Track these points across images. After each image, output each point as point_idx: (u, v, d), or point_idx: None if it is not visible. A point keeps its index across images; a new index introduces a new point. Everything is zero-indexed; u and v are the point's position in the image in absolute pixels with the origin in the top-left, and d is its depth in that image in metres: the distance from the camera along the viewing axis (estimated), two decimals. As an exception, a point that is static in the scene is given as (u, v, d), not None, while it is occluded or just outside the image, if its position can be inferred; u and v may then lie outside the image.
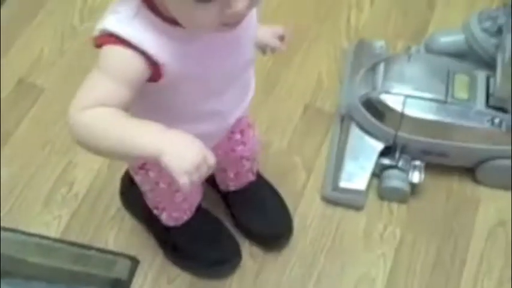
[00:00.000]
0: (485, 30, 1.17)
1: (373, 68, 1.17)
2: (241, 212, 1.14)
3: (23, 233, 1.13)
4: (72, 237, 1.14)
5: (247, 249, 1.13)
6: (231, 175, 1.11)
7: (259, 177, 1.14)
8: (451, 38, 1.22)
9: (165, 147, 0.69)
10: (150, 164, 0.94)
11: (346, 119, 1.21)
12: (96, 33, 0.74)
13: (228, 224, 1.14)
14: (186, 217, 1.10)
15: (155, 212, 1.09)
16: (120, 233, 1.15)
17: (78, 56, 1.34)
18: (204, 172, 0.70)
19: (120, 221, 1.16)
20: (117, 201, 1.17)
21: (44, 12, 1.41)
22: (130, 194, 1.13)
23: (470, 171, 1.21)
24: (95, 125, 0.72)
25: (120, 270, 1.11)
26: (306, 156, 1.24)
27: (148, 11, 0.73)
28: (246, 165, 1.10)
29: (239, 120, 0.95)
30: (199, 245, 1.11)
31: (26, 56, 1.35)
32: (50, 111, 1.28)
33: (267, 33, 0.95)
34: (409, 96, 1.12)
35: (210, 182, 1.14)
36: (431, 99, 1.11)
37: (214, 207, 1.15)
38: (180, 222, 1.10)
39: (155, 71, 0.75)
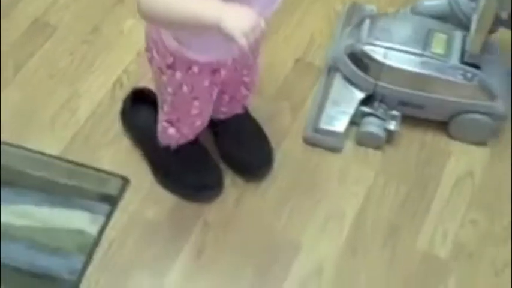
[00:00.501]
0: (470, -2, 1.26)
1: (359, 24, 1.28)
2: (226, 142, 1.23)
3: (27, 149, 1.24)
4: (71, 157, 1.24)
5: (230, 179, 1.22)
6: (226, 99, 1.19)
7: (246, 112, 1.24)
8: (434, 2, 1.32)
9: (224, 15, 0.82)
10: (179, 63, 1.02)
11: (332, 69, 1.31)
12: None
13: (215, 156, 1.25)
14: (191, 136, 1.16)
15: (164, 125, 1.14)
16: (115, 156, 1.25)
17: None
18: (258, 34, 0.82)
19: (117, 145, 1.26)
20: (115, 128, 1.28)
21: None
22: (131, 114, 1.23)
23: (444, 125, 1.30)
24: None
25: (112, 187, 1.21)
26: (293, 102, 1.34)
27: None
28: (243, 92, 1.20)
29: (257, 41, 0.96)
30: (188, 170, 1.20)
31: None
32: (61, 47, 1.39)
33: None
34: (390, 48, 1.22)
35: None
36: (410, 52, 1.21)
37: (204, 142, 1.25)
38: (180, 142, 1.17)
39: None
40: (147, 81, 1.26)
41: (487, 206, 1.24)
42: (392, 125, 1.25)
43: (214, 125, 1.23)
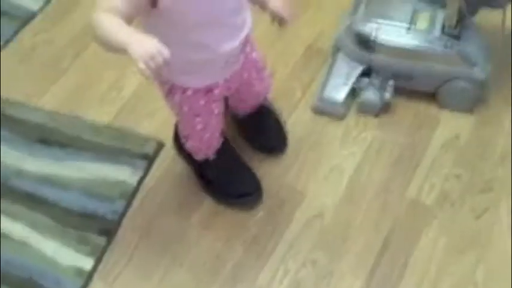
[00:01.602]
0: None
1: (356, 6, 1.48)
2: (249, 130, 1.43)
3: (81, 119, 1.51)
4: (117, 125, 1.49)
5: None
6: (243, 104, 1.38)
7: (266, 105, 1.43)
8: None
9: (132, 41, 0.98)
10: (175, 88, 1.20)
11: (335, 49, 1.52)
12: None
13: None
14: (208, 150, 1.33)
15: (183, 141, 1.34)
16: (153, 125, 1.49)
17: None
18: (160, 61, 0.95)
19: (154, 117, 1.49)
20: (153, 104, 1.51)
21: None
22: (179, 139, 1.40)
23: (434, 97, 1.48)
24: (100, 21, 1.01)
25: (149, 148, 1.46)
26: (303, 81, 1.55)
27: None
28: (261, 98, 1.41)
29: (252, 61, 1.24)
30: (226, 181, 1.36)
31: None
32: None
33: (277, 8, 1.16)
34: (381, 24, 1.42)
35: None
36: (398, 27, 1.41)
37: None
38: (206, 155, 1.34)
39: None
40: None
41: (470, 164, 1.41)
42: (387, 94, 1.44)
43: (237, 120, 1.43)
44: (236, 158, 1.39)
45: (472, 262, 1.27)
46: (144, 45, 0.96)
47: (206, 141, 1.32)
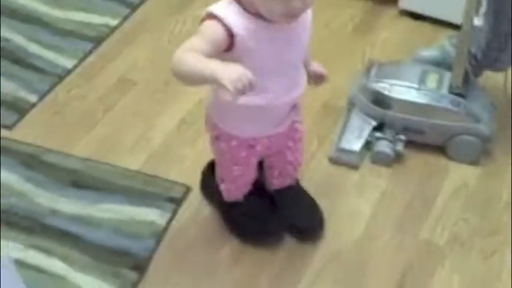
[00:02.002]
0: (453, 45, 1.60)
1: (369, 68, 1.64)
2: (284, 209, 1.47)
3: (114, 165, 1.60)
4: (147, 171, 1.59)
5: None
6: (276, 173, 1.46)
7: (298, 183, 1.50)
8: (429, 52, 1.70)
9: (220, 68, 1.10)
10: (222, 136, 1.33)
11: (350, 105, 1.65)
12: (203, 13, 1.20)
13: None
14: (240, 194, 1.44)
15: (218, 182, 1.44)
16: (180, 171, 1.59)
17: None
18: (246, 82, 1.07)
19: (181, 164, 1.60)
20: (180, 151, 1.62)
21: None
22: (208, 185, 1.51)
23: (443, 149, 1.61)
24: (185, 58, 1.15)
25: (178, 192, 1.55)
26: (319, 134, 1.67)
27: (238, 5, 1.18)
28: (289, 169, 1.46)
29: (294, 130, 1.36)
30: (249, 220, 1.44)
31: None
32: (141, 95, 1.77)
33: (318, 67, 1.36)
34: (393, 84, 1.56)
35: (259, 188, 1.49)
36: (409, 86, 1.56)
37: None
38: (236, 198, 1.44)
39: (231, 40, 1.17)
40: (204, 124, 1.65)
41: (478, 209, 1.53)
42: (399, 146, 1.57)
43: (270, 195, 1.49)
44: (263, 200, 1.47)
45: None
46: (231, 70, 1.10)
47: (239, 187, 1.44)
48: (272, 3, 1.14)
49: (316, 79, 1.37)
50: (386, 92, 1.56)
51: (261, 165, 1.47)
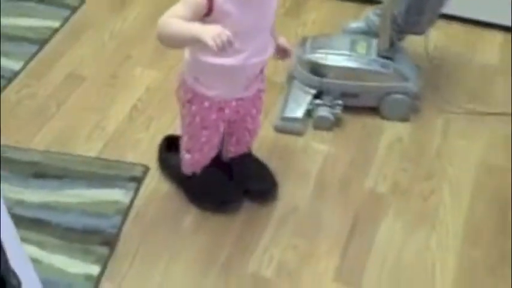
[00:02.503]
0: (377, 15, 1.76)
1: (304, 41, 1.78)
2: (240, 175, 1.58)
3: (72, 154, 1.68)
4: (105, 157, 1.67)
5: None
6: (234, 140, 1.55)
7: (250, 151, 1.60)
8: (357, 24, 1.86)
9: (202, 29, 1.25)
10: (195, 99, 1.42)
11: (290, 78, 1.78)
12: None
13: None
14: (202, 164, 1.52)
15: (183, 153, 1.52)
16: (137, 154, 1.68)
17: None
18: (225, 39, 1.21)
19: (137, 148, 1.69)
20: (134, 138, 1.72)
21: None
22: (165, 160, 1.62)
23: (377, 110, 1.76)
24: (169, 22, 1.29)
25: (137, 172, 1.64)
26: (264, 108, 1.75)
27: None
28: (246, 136, 1.56)
29: (259, 98, 1.47)
30: (210, 191, 1.56)
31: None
32: (90, 90, 1.85)
33: (284, 42, 1.47)
34: (327, 53, 1.70)
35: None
36: (341, 54, 1.70)
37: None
38: (197, 168, 1.54)
39: (210, 5, 1.27)
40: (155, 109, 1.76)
41: (413, 159, 1.69)
42: (337, 110, 1.71)
43: (226, 165, 1.59)
44: (219, 170, 1.57)
45: (426, 233, 1.51)
46: (211, 28, 1.24)
47: (204, 155, 1.53)
48: None
49: (281, 53, 1.48)
50: (321, 61, 1.70)
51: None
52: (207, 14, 1.31)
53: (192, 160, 1.55)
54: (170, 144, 1.64)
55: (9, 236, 1.02)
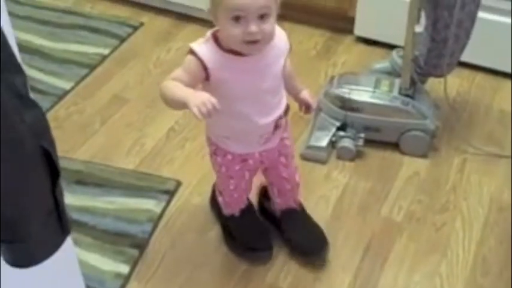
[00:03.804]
0: (400, 56, 1.89)
1: (332, 78, 1.92)
2: (287, 232, 1.62)
3: (113, 166, 1.83)
4: (141, 170, 1.82)
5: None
6: (275, 191, 1.60)
7: (302, 208, 1.64)
8: (381, 65, 2.00)
9: (190, 95, 1.28)
10: (218, 151, 1.49)
11: (317, 110, 1.90)
12: (188, 48, 1.38)
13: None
14: (237, 207, 1.59)
15: (217, 195, 1.62)
16: (171, 169, 1.82)
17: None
18: (210, 107, 1.23)
19: (172, 164, 1.83)
20: (169, 155, 1.86)
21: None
22: (213, 199, 1.69)
23: (397, 146, 1.87)
24: (166, 85, 1.34)
25: (170, 186, 1.77)
26: (293, 138, 1.89)
27: (214, 42, 1.35)
28: (287, 186, 1.59)
29: (284, 145, 1.51)
30: (242, 235, 1.61)
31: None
32: (133, 110, 2.02)
33: (306, 97, 1.50)
34: (352, 89, 1.83)
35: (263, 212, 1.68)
36: (366, 90, 1.83)
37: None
38: (233, 211, 1.60)
39: (206, 72, 1.35)
40: (190, 132, 1.90)
41: (428, 192, 1.78)
42: (359, 142, 1.82)
43: (274, 219, 1.65)
44: (255, 219, 1.65)
45: (437, 260, 1.60)
46: (198, 96, 1.28)
47: (235, 200, 1.60)
48: (233, 28, 1.28)
49: (304, 107, 1.52)
50: (346, 96, 1.83)
51: (265, 192, 1.66)
52: (206, 79, 1.37)
53: (224, 202, 1.62)
54: None
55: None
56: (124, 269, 1.56)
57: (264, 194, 1.69)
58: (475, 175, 1.83)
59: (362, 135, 1.84)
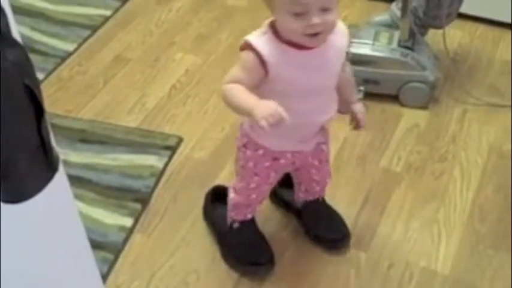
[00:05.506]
0: (399, 8, 1.89)
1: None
2: (310, 223, 1.57)
3: (115, 124, 1.86)
4: (143, 128, 1.85)
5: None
6: (303, 188, 1.54)
7: (323, 199, 1.57)
8: (381, 17, 1.99)
9: (255, 105, 1.20)
10: (250, 144, 1.39)
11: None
12: (242, 42, 1.28)
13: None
14: (245, 213, 1.49)
15: (231, 191, 1.48)
16: (172, 127, 1.85)
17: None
18: (277, 118, 1.16)
19: (172, 122, 1.85)
20: (170, 113, 1.88)
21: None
22: (209, 210, 1.60)
23: (396, 98, 1.87)
24: (230, 91, 1.26)
25: (171, 142, 1.80)
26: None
27: (272, 33, 1.25)
28: (316, 188, 1.53)
29: (320, 150, 1.42)
30: (244, 251, 1.52)
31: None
32: (135, 69, 2.04)
33: (359, 112, 1.40)
34: (352, 42, 1.82)
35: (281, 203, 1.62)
36: (365, 43, 1.83)
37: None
38: (238, 216, 1.50)
39: (265, 68, 1.24)
40: (191, 90, 1.91)
41: (428, 143, 1.79)
42: (359, 95, 1.81)
43: (296, 209, 1.59)
44: (256, 230, 1.55)
45: (435, 207, 1.62)
46: (264, 106, 1.19)
47: (248, 202, 1.49)
48: (292, 22, 1.20)
49: (355, 122, 1.42)
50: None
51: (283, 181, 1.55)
52: (265, 75, 1.28)
53: (234, 203, 1.50)
54: (217, 195, 1.61)
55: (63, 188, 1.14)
56: (127, 222, 1.60)
57: (281, 183, 1.56)
58: (474, 125, 1.84)
59: (362, 88, 1.84)
